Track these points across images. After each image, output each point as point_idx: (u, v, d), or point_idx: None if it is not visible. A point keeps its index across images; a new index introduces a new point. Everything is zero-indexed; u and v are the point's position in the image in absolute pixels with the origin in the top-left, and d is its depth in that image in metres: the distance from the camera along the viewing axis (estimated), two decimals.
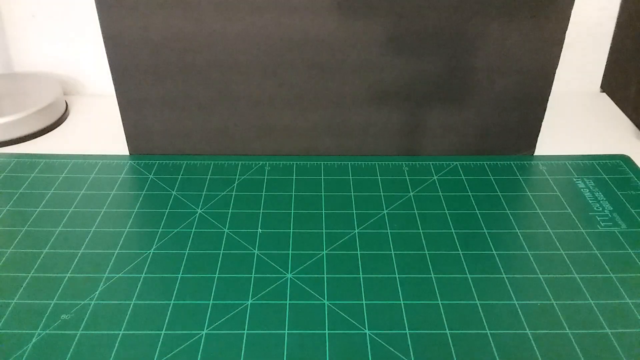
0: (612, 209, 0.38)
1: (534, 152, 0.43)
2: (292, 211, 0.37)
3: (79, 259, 0.34)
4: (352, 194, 0.39)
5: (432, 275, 0.33)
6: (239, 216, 0.37)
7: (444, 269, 0.33)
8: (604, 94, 0.54)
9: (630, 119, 0.49)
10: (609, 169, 0.42)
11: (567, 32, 0.52)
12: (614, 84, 0.52)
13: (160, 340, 0.29)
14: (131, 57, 0.39)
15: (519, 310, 0.30)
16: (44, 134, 0.47)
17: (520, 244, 0.35)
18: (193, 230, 0.36)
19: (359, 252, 0.34)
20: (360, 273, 0.33)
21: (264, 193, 0.39)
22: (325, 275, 0.32)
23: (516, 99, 0.41)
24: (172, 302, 0.31)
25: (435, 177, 0.41)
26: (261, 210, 0.37)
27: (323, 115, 0.41)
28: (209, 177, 0.41)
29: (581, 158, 0.43)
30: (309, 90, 0.40)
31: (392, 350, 0.28)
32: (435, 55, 0.39)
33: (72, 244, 0.35)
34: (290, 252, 0.34)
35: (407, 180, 0.40)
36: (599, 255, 0.34)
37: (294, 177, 0.41)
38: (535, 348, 0.28)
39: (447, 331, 0.29)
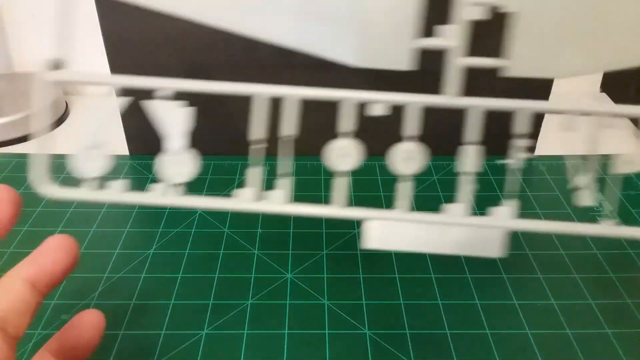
0: (612, 209, 0.38)
1: (534, 152, 0.43)
2: None
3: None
4: (352, 194, 0.39)
5: (432, 275, 0.32)
6: (239, 216, 0.37)
7: (444, 269, 0.33)
8: (604, 94, 0.54)
9: (630, 119, 0.49)
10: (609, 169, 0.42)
11: None
12: (614, 84, 0.52)
13: (160, 340, 0.29)
14: (131, 57, 0.39)
15: (519, 310, 0.30)
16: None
17: (520, 244, 0.35)
18: (193, 230, 0.36)
19: (358, 252, 0.34)
20: (360, 273, 0.33)
21: None
22: (325, 275, 0.32)
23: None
24: (172, 302, 0.31)
25: (435, 177, 0.41)
26: None
27: (323, 115, 0.41)
28: (209, 177, 0.41)
29: (581, 158, 0.43)
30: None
31: (392, 350, 0.28)
32: (435, 54, 0.39)
33: None
34: (290, 252, 0.34)
35: None
36: (599, 255, 0.34)
37: (294, 177, 0.41)
38: (535, 348, 0.28)
39: (447, 331, 0.29)
